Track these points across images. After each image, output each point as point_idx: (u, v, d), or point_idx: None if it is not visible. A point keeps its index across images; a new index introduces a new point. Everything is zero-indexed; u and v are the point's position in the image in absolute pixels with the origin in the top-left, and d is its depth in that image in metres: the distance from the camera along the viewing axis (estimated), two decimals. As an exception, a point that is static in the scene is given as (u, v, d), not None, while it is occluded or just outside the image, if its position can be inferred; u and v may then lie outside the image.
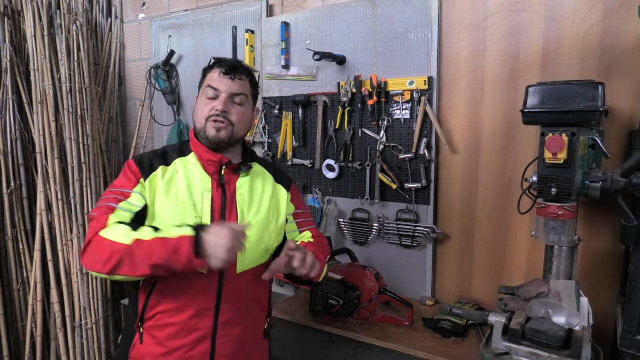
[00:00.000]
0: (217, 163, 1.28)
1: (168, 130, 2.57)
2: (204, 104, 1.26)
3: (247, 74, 1.31)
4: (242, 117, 1.28)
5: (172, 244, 1.06)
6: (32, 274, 2.42)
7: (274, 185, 1.40)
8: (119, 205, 1.18)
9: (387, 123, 1.92)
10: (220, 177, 1.29)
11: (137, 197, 1.21)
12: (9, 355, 2.42)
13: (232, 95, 1.26)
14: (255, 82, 1.35)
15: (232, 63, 1.28)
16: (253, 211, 1.31)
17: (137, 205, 1.20)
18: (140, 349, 1.26)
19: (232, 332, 1.27)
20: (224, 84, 1.25)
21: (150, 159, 1.28)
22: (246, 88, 1.29)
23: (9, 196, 2.42)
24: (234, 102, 1.27)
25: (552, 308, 1.22)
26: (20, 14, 2.51)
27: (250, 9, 2.25)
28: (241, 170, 1.32)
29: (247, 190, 1.32)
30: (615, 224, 1.54)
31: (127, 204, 1.19)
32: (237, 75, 1.26)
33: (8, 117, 2.42)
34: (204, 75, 1.31)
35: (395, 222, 1.95)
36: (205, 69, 1.32)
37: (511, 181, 1.73)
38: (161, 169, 1.26)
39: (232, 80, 1.26)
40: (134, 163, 1.26)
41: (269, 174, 1.42)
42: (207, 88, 1.26)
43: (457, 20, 1.78)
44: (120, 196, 1.20)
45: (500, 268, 1.80)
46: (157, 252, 1.06)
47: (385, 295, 1.75)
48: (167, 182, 1.24)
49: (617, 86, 1.52)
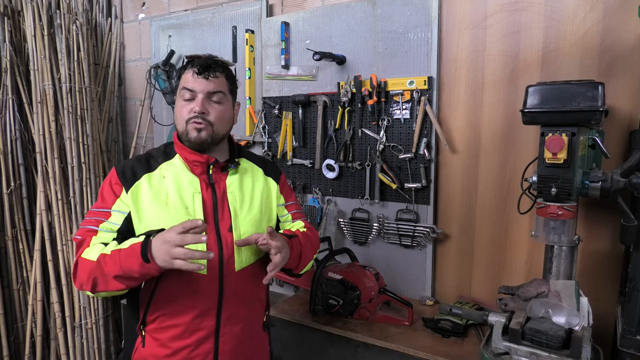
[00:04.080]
0: (203, 164, 1.26)
1: (168, 130, 2.57)
2: (182, 106, 1.24)
3: (223, 70, 1.28)
4: (221, 115, 1.26)
5: (125, 253, 1.09)
6: (32, 274, 2.42)
7: (265, 179, 1.40)
8: (100, 227, 1.20)
9: (387, 123, 1.92)
10: (209, 177, 1.28)
11: (117, 216, 1.21)
12: (9, 355, 2.42)
13: (209, 95, 1.24)
14: (232, 76, 1.32)
15: (205, 61, 1.25)
16: (245, 208, 1.30)
17: (117, 224, 1.20)
18: (143, 352, 1.26)
19: (234, 329, 1.27)
20: (199, 84, 1.23)
21: (133, 168, 1.25)
22: (223, 85, 1.27)
23: (9, 196, 2.42)
24: (212, 101, 1.25)
25: (552, 308, 1.22)
26: (20, 14, 2.51)
27: (250, 9, 2.25)
28: (229, 168, 1.31)
29: (237, 188, 1.31)
30: (615, 224, 1.54)
31: (108, 224, 1.20)
32: (212, 73, 1.24)
33: (8, 117, 2.42)
34: (179, 77, 1.29)
35: (395, 222, 1.95)
36: (180, 69, 1.30)
37: (511, 181, 1.73)
38: (145, 178, 1.24)
39: (207, 80, 1.23)
40: (116, 174, 1.24)
41: (259, 167, 1.41)
42: (183, 90, 1.24)
43: (457, 20, 1.78)
44: (101, 217, 1.21)
45: (500, 268, 1.80)
46: (116, 263, 1.09)
47: (385, 295, 1.75)
48: (155, 188, 1.23)
49: (617, 86, 1.52)
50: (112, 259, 1.10)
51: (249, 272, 1.29)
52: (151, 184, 1.24)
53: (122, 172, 1.24)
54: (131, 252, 1.08)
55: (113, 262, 1.09)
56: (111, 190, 1.23)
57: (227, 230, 1.25)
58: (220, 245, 1.23)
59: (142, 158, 1.30)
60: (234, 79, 1.34)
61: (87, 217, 1.23)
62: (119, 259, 1.09)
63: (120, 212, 1.21)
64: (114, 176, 1.24)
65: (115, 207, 1.21)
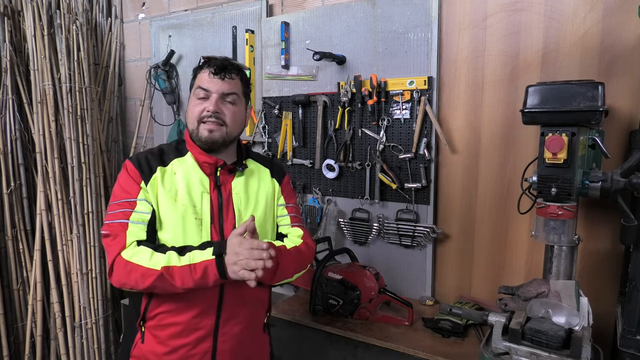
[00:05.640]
0: (212, 165, 1.27)
1: (168, 130, 2.57)
2: (195, 105, 1.25)
3: (238, 72, 1.29)
4: (235, 117, 1.27)
5: (200, 270, 1.12)
6: (32, 274, 2.42)
7: (271, 180, 1.40)
8: (130, 219, 1.19)
9: (387, 123, 1.92)
10: (217, 179, 1.29)
11: (144, 205, 1.20)
12: (9, 355, 2.42)
13: (223, 95, 1.25)
14: (246, 79, 1.33)
15: (222, 62, 1.26)
16: (250, 210, 1.31)
17: (146, 213, 1.20)
18: (142, 348, 1.26)
19: (233, 330, 1.27)
20: (214, 84, 1.24)
21: (148, 160, 1.26)
22: (237, 87, 1.28)
23: (9, 196, 2.42)
24: (226, 101, 1.26)
25: (552, 308, 1.22)
26: (20, 14, 2.51)
27: (250, 9, 2.25)
28: (237, 171, 1.32)
29: (242, 190, 1.31)
30: (615, 224, 1.54)
31: (137, 215, 1.19)
32: (227, 74, 1.25)
33: (8, 117, 2.42)
34: (194, 76, 1.30)
35: (395, 222, 1.95)
36: (196, 69, 1.31)
37: (511, 181, 1.73)
38: (160, 170, 1.24)
39: (223, 80, 1.24)
40: (133, 166, 1.24)
41: (266, 168, 1.41)
42: (198, 89, 1.25)
43: (457, 20, 1.78)
44: (128, 208, 1.20)
45: (500, 268, 1.80)
46: (189, 279, 1.12)
47: (385, 295, 1.75)
48: (167, 183, 1.24)
49: (617, 86, 1.52)
50: (184, 274, 1.12)
51: None
52: (163, 179, 1.24)
53: (138, 164, 1.24)
54: (208, 270, 1.12)
55: (184, 277, 1.12)
56: (131, 180, 1.22)
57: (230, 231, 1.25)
58: None
59: (155, 151, 1.30)
60: (248, 83, 1.35)
61: (112, 210, 1.21)
62: (192, 277, 1.12)
63: (147, 201, 1.20)
64: (130, 168, 1.23)
65: (141, 196, 1.20)
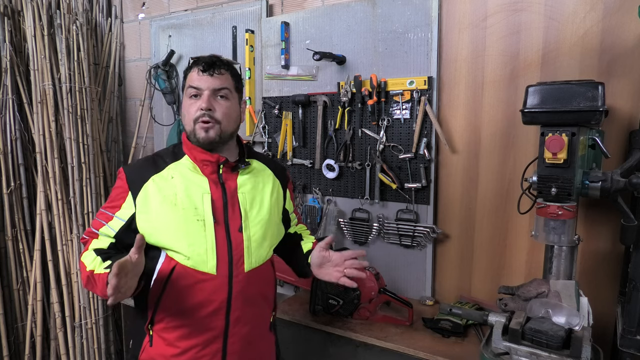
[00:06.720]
0: (214, 163, 1.27)
1: (168, 130, 2.57)
2: (189, 105, 1.25)
3: (227, 68, 1.29)
4: (228, 112, 1.26)
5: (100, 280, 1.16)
6: (32, 274, 2.42)
7: (274, 180, 1.41)
8: (99, 231, 1.26)
9: (387, 123, 1.92)
10: (219, 177, 1.28)
11: (117, 222, 1.25)
12: (9, 355, 2.42)
13: (214, 92, 1.24)
14: (237, 74, 1.33)
15: (209, 59, 1.26)
16: (255, 209, 1.31)
17: (114, 230, 1.25)
18: (150, 351, 1.26)
19: (243, 330, 1.27)
20: (204, 81, 1.24)
21: (141, 169, 1.28)
22: (228, 82, 1.27)
23: (9, 196, 2.42)
24: (218, 97, 1.25)
25: (552, 308, 1.22)
26: (20, 14, 2.51)
27: (250, 9, 2.25)
28: (239, 169, 1.32)
29: (248, 188, 1.32)
30: (615, 224, 1.54)
31: (107, 229, 1.25)
32: (217, 70, 1.25)
33: (8, 117, 2.42)
34: (185, 78, 1.30)
35: (395, 222, 1.95)
36: (185, 70, 1.31)
37: (511, 181, 1.73)
38: (153, 179, 1.25)
39: (212, 76, 1.24)
40: (124, 177, 1.27)
41: (269, 169, 1.42)
42: (189, 89, 1.25)
43: (457, 20, 1.78)
44: (104, 220, 1.26)
45: (500, 268, 1.80)
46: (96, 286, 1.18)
47: (385, 295, 1.75)
48: (163, 189, 1.24)
49: (617, 86, 1.52)
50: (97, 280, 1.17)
51: (259, 273, 1.29)
52: (159, 185, 1.24)
53: (129, 175, 1.27)
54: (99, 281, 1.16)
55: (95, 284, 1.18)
56: (119, 192, 1.27)
57: (237, 231, 1.26)
58: (230, 246, 1.24)
59: (150, 159, 1.32)
60: (239, 77, 1.34)
61: (96, 217, 1.29)
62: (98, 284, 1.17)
63: (120, 219, 1.24)
64: (123, 181, 1.27)
65: (119, 213, 1.25)
